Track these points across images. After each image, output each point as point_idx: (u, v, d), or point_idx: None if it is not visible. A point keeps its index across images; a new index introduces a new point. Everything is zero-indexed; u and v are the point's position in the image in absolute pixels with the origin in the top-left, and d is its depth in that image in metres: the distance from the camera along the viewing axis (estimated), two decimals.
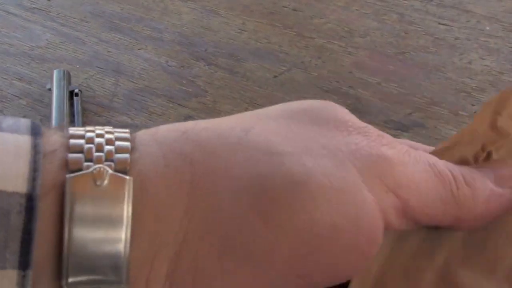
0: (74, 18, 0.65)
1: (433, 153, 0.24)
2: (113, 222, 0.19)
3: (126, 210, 0.19)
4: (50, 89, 0.55)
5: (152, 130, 0.21)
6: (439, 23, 0.61)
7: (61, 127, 0.21)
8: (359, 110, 0.53)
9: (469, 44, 0.59)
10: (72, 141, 0.20)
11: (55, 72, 0.56)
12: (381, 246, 0.20)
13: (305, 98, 0.54)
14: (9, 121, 0.20)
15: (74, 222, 0.18)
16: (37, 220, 0.18)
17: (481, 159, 0.24)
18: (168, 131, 0.21)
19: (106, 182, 0.19)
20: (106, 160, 0.19)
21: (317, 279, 0.20)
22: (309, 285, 0.20)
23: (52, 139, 0.20)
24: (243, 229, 0.19)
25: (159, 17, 0.64)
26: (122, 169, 0.19)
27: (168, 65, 0.59)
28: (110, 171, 0.19)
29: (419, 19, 0.62)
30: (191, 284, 0.20)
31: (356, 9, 0.64)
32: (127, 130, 0.21)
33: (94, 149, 0.19)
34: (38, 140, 0.19)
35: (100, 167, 0.19)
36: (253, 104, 0.55)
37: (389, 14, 0.63)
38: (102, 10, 0.65)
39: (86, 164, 0.19)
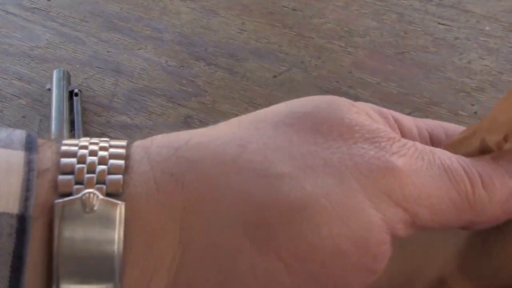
0: (73, 18, 0.65)
1: (451, 144, 0.22)
2: (103, 249, 0.18)
3: (117, 236, 0.18)
4: (49, 89, 0.55)
5: (147, 142, 0.20)
6: (439, 23, 0.61)
7: (57, 138, 0.19)
8: None
9: (468, 44, 0.59)
10: (64, 160, 0.19)
11: (54, 72, 0.56)
12: None
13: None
14: (2, 134, 0.19)
15: (64, 251, 0.18)
16: (29, 243, 0.17)
17: (505, 148, 0.22)
18: (161, 147, 0.20)
19: (96, 207, 0.18)
20: (98, 182, 0.18)
21: None
22: None
23: (46, 155, 0.19)
24: (241, 261, 0.18)
25: (159, 17, 0.64)
26: (114, 191, 0.18)
27: (168, 65, 0.59)
28: (101, 196, 0.18)
29: (418, 19, 0.62)
30: None
31: (356, 9, 0.64)
32: (123, 144, 0.20)
33: (85, 170, 0.18)
34: (32, 156, 0.18)
35: (89, 192, 0.18)
36: (253, 104, 0.55)
37: (388, 14, 0.63)
38: (101, 10, 0.65)
39: (76, 187, 0.18)
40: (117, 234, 0.18)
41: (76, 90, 0.55)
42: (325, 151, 0.19)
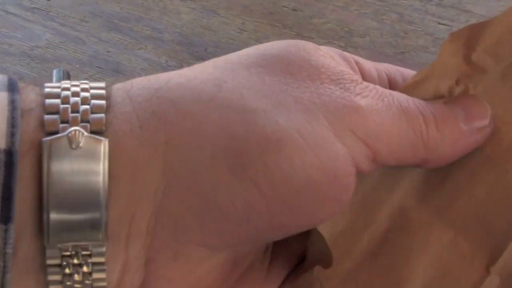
0: (73, 18, 0.65)
1: (406, 87, 0.24)
2: (90, 181, 0.19)
3: (103, 168, 0.19)
4: None
5: (127, 85, 0.22)
6: (439, 23, 0.61)
7: (37, 83, 0.21)
8: None
9: None
10: (48, 101, 0.20)
11: (54, 72, 0.56)
12: None
13: None
14: None
15: (52, 183, 0.19)
16: (17, 175, 0.18)
17: (457, 93, 0.24)
18: (142, 88, 0.21)
19: (81, 144, 0.19)
20: (82, 120, 0.19)
21: (294, 228, 0.21)
22: (285, 233, 0.21)
23: (29, 97, 0.20)
24: (220, 190, 0.20)
25: (159, 17, 0.64)
26: (97, 129, 0.19)
27: (168, 65, 0.59)
28: (85, 133, 0.19)
29: (418, 19, 0.62)
30: (172, 238, 0.20)
31: (356, 9, 0.64)
32: (103, 85, 0.21)
33: (69, 110, 0.19)
34: (15, 96, 0.19)
35: (75, 130, 0.19)
36: None
37: (388, 14, 0.63)
38: (101, 10, 0.65)
39: (62, 125, 0.19)
40: (102, 167, 0.19)
41: None
42: (295, 90, 0.20)
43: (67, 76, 0.56)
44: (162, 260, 0.21)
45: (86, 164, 0.19)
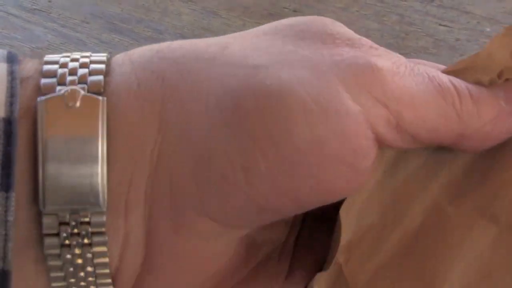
0: (74, 19, 0.65)
1: (444, 72, 0.21)
2: (87, 141, 0.18)
3: (101, 129, 0.18)
4: None
5: (130, 52, 0.21)
6: (439, 24, 0.61)
7: (38, 55, 0.20)
8: None
9: (469, 45, 0.59)
10: (46, 66, 0.19)
11: None
12: (375, 168, 0.19)
13: None
14: None
15: (48, 144, 0.18)
16: (17, 143, 0.18)
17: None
18: (143, 50, 0.20)
19: (78, 103, 0.18)
20: (80, 82, 0.19)
21: (304, 196, 0.19)
22: (297, 203, 0.19)
23: (28, 66, 0.20)
24: (215, 146, 0.18)
25: (160, 18, 0.64)
26: (95, 91, 0.19)
27: None
28: (82, 92, 0.18)
29: (419, 20, 0.62)
30: (169, 205, 0.19)
31: (356, 10, 0.64)
32: (105, 54, 0.20)
33: (67, 73, 0.19)
34: (14, 67, 0.19)
35: (71, 89, 0.18)
36: None
37: (389, 15, 0.63)
38: (102, 11, 0.65)
39: (59, 88, 0.19)
40: (100, 127, 0.18)
41: None
42: (305, 51, 0.19)
43: None
44: (162, 233, 0.19)
45: (83, 123, 0.18)
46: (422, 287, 0.19)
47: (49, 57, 0.20)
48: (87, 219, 0.18)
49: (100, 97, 0.18)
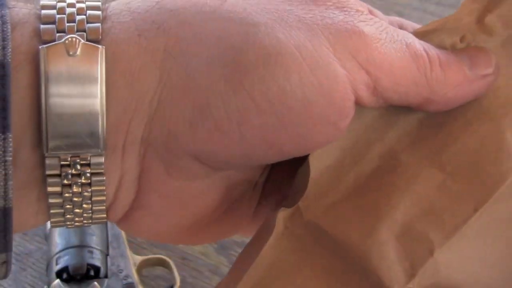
0: None
1: (414, 33, 0.24)
2: (87, 85, 0.19)
3: (100, 75, 0.19)
4: None
5: (130, 3, 0.21)
6: None
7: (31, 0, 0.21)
8: None
9: None
10: (44, 11, 0.20)
11: None
12: None
13: None
14: None
15: (50, 88, 0.19)
16: (11, 86, 0.18)
17: (458, 47, 0.24)
18: (142, 1, 0.21)
19: (78, 51, 0.19)
20: (78, 30, 0.19)
21: (288, 149, 0.21)
22: (279, 154, 0.21)
23: (23, 11, 0.20)
24: (214, 99, 0.19)
25: None
26: (94, 38, 0.19)
27: None
28: (82, 41, 0.19)
29: (417, 18, 0.62)
30: (164, 148, 0.20)
31: None
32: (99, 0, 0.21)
33: (65, 20, 0.19)
34: (4, 11, 0.19)
35: (72, 37, 0.19)
36: None
37: (388, 13, 0.63)
38: None
39: (58, 34, 0.19)
40: (100, 74, 0.19)
41: None
42: (299, 11, 0.20)
43: None
44: (154, 173, 0.21)
45: (84, 71, 0.19)
46: (368, 221, 0.22)
47: (45, 2, 0.20)
48: (87, 161, 0.20)
49: (100, 46, 0.19)
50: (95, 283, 0.36)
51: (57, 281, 0.36)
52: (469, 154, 0.23)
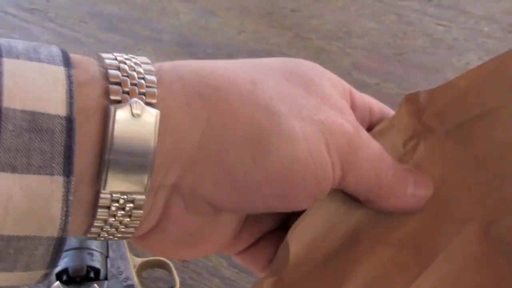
0: (72, 18, 0.65)
1: (373, 133, 0.29)
2: (143, 143, 0.24)
3: (154, 135, 0.24)
4: None
5: (176, 67, 0.26)
6: (437, 24, 0.62)
7: (92, 54, 0.25)
8: None
9: (467, 45, 0.59)
10: (111, 71, 0.24)
11: None
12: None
13: None
14: (44, 51, 0.23)
15: (114, 144, 0.23)
16: (76, 138, 0.22)
17: (409, 147, 0.30)
18: (191, 72, 0.25)
19: (140, 113, 0.23)
20: (139, 93, 0.24)
21: (278, 207, 0.27)
22: (272, 209, 0.27)
23: (91, 68, 0.23)
24: (239, 168, 0.25)
25: (158, 18, 0.64)
26: (151, 101, 0.24)
27: None
28: (143, 104, 0.23)
29: (417, 20, 0.62)
30: (188, 194, 0.26)
31: (354, 10, 0.64)
32: (148, 61, 0.25)
33: (129, 82, 0.24)
34: (71, 71, 0.23)
35: (136, 101, 0.23)
36: None
37: (387, 15, 0.63)
38: (100, 11, 0.65)
39: (123, 95, 0.23)
40: (154, 134, 0.24)
41: None
42: (309, 106, 0.26)
43: None
44: (176, 209, 0.26)
45: (143, 131, 0.23)
46: (335, 285, 0.28)
47: (109, 61, 0.24)
48: (131, 199, 0.24)
49: (157, 110, 0.23)
50: (95, 285, 0.36)
51: (57, 283, 0.36)
52: (413, 232, 0.29)
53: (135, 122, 0.23)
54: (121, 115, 0.23)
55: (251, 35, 0.62)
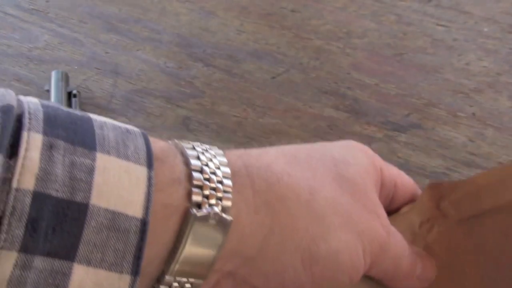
0: (72, 19, 0.65)
1: (398, 214, 0.35)
2: (213, 246, 0.26)
3: (222, 238, 0.26)
4: (48, 90, 0.55)
5: (248, 169, 0.28)
6: (437, 24, 0.62)
7: (177, 146, 0.27)
8: (357, 111, 0.53)
9: (467, 45, 0.59)
10: (195, 174, 0.26)
11: (53, 73, 0.56)
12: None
13: (303, 99, 0.55)
14: (131, 145, 0.25)
15: (187, 245, 0.25)
16: (147, 240, 0.24)
17: (424, 228, 0.35)
18: (260, 178, 0.28)
19: (216, 220, 0.26)
20: (217, 197, 0.26)
21: None
22: None
23: (177, 168, 0.26)
24: (289, 269, 0.28)
25: (157, 18, 0.64)
26: (225, 206, 0.26)
27: (166, 66, 0.59)
28: (220, 215, 0.26)
29: (417, 20, 0.62)
30: (240, 279, 0.28)
31: (354, 10, 0.64)
32: (222, 155, 0.27)
33: (209, 187, 0.26)
34: (152, 173, 0.24)
35: (215, 212, 0.26)
36: (252, 105, 0.55)
37: (387, 15, 0.63)
38: (100, 11, 0.65)
39: (203, 199, 0.26)
40: (222, 237, 0.26)
41: (74, 91, 0.55)
42: (354, 216, 0.30)
43: (66, 78, 0.56)
44: (224, 285, 0.29)
45: (215, 237, 0.26)
46: None
47: (195, 162, 0.26)
48: (190, 284, 0.27)
49: (230, 218, 0.26)
50: None
51: None
52: None
53: (210, 227, 0.26)
54: (199, 221, 0.25)
55: (251, 35, 0.62)
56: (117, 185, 0.23)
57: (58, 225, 0.22)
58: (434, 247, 0.35)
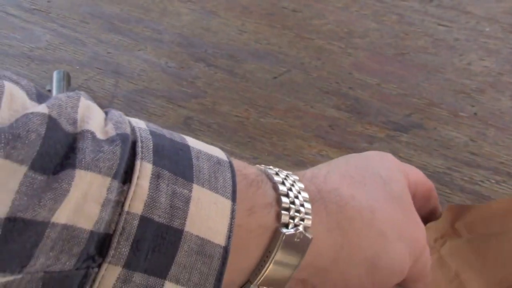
0: (73, 19, 0.65)
1: (426, 227, 0.39)
2: (293, 264, 0.29)
3: (303, 252, 0.29)
4: (50, 90, 0.55)
5: (322, 194, 0.32)
6: (439, 24, 0.62)
7: (269, 175, 0.31)
8: (358, 111, 0.53)
9: (468, 45, 0.59)
10: (283, 199, 0.29)
11: (54, 73, 0.56)
12: None
13: (304, 99, 0.55)
14: (221, 178, 0.28)
15: (276, 257, 0.29)
16: (227, 266, 0.27)
17: (438, 243, 0.41)
18: (331, 202, 0.32)
19: (300, 239, 0.29)
20: (300, 218, 0.30)
21: None
22: None
23: (269, 193, 0.29)
24: (356, 279, 0.32)
25: (159, 18, 0.64)
26: (306, 227, 0.30)
27: (168, 66, 0.59)
28: (303, 231, 0.29)
29: (418, 20, 0.62)
30: (310, 287, 0.32)
31: (356, 10, 0.64)
32: (303, 187, 0.31)
33: (294, 210, 0.30)
34: (235, 207, 0.27)
35: (301, 232, 0.29)
36: (253, 105, 0.55)
37: (388, 15, 0.63)
38: (101, 11, 0.65)
39: (289, 220, 0.29)
40: (303, 253, 0.29)
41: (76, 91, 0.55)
42: (405, 228, 0.34)
43: (67, 77, 0.56)
44: None
45: (297, 250, 0.29)
46: None
47: (281, 186, 0.30)
48: None
49: (310, 237, 0.29)
50: None
51: None
52: None
53: (294, 246, 0.29)
54: (288, 238, 0.29)
55: (252, 35, 0.62)
56: (207, 214, 0.26)
57: (157, 246, 0.25)
58: (445, 258, 0.41)
